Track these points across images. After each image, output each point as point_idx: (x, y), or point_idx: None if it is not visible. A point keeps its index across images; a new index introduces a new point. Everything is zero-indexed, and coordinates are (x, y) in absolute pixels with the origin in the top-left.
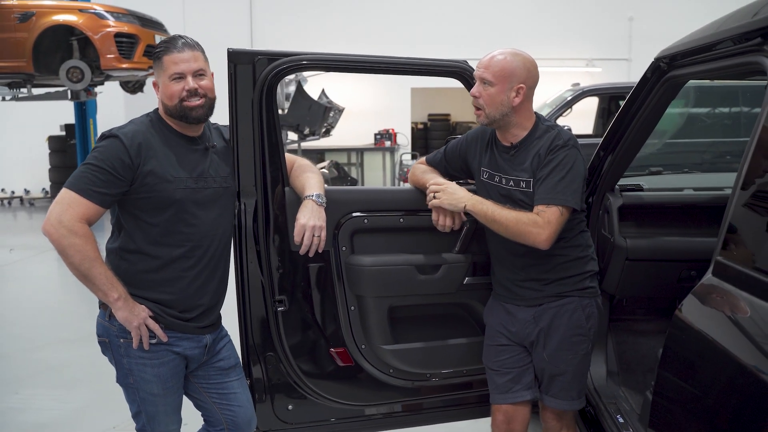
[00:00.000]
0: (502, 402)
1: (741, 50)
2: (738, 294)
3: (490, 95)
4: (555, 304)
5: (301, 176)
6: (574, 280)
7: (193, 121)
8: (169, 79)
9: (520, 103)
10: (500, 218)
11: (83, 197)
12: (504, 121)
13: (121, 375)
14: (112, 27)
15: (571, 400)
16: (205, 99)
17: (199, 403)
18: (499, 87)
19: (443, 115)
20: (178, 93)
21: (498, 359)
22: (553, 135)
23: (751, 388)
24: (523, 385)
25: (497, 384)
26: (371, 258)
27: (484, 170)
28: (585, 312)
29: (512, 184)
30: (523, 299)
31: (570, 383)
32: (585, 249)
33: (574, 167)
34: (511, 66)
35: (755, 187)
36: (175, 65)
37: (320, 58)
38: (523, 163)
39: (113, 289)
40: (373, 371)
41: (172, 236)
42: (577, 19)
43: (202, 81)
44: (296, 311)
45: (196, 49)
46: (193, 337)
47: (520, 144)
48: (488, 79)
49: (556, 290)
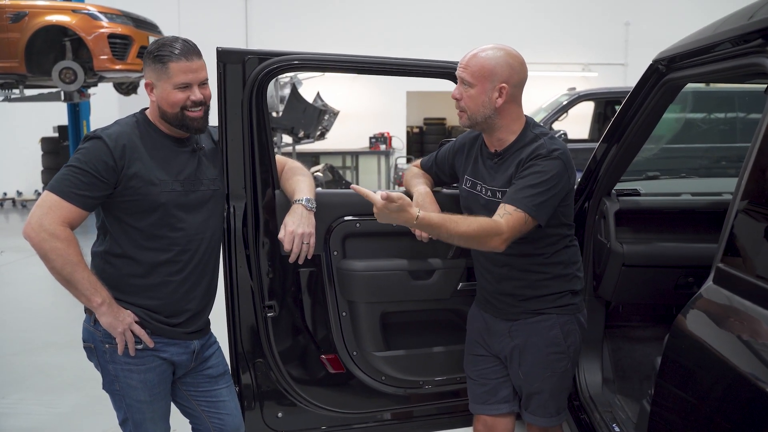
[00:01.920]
0: (480, 412)
1: (741, 52)
2: (740, 302)
3: (470, 96)
4: (531, 320)
5: (291, 179)
6: (552, 298)
7: (194, 132)
8: (173, 87)
9: (503, 103)
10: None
11: (65, 200)
12: (487, 124)
13: (107, 381)
14: (105, 28)
15: (550, 417)
16: (205, 107)
17: (187, 411)
18: (479, 87)
19: (439, 119)
20: (181, 102)
21: (476, 369)
22: (538, 144)
23: (753, 398)
24: (499, 398)
25: (476, 394)
26: (363, 263)
27: (467, 178)
28: (563, 329)
29: (490, 194)
30: (499, 312)
31: (547, 401)
32: (567, 266)
33: (550, 179)
34: (490, 64)
35: (757, 193)
36: (184, 74)
37: (312, 58)
38: (506, 171)
39: (97, 293)
40: (364, 378)
41: (157, 240)
42: (573, 24)
43: (206, 91)
44: (286, 317)
45: (201, 56)
46: (180, 343)
47: (504, 151)
48: (467, 79)
49: (533, 306)
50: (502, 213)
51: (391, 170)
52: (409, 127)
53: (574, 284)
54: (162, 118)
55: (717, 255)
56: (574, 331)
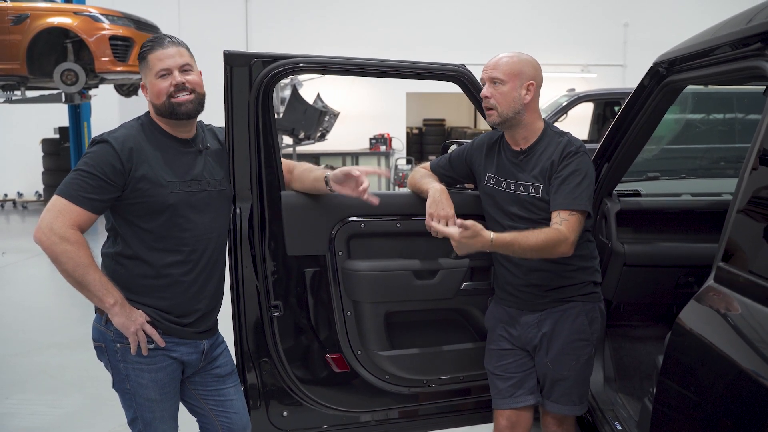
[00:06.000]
0: (505, 407)
1: (740, 55)
2: (741, 300)
3: (502, 93)
4: (558, 309)
5: (311, 175)
6: (578, 287)
7: (183, 117)
8: (155, 77)
9: (530, 100)
10: (527, 244)
11: (74, 204)
12: (516, 120)
13: (118, 380)
14: (107, 30)
15: (573, 405)
16: (194, 94)
17: (195, 410)
18: (511, 84)
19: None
20: (165, 90)
21: (500, 364)
22: (565, 141)
23: (755, 396)
24: (525, 389)
25: (500, 389)
26: (368, 263)
27: (490, 176)
28: (588, 317)
29: (522, 189)
30: (526, 304)
31: (572, 388)
32: (589, 260)
33: (589, 173)
34: (519, 64)
35: (757, 193)
36: (160, 61)
37: (317, 61)
38: (534, 168)
39: (109, 294)
40: (369, 377)
41: (167, 241)
42: (572, 25)
43: (188, 76)
44: (291, 317)
45: (180, 45)
46: (190, 343)
47: (529, 149)
48: (499, 77)
49: (559, 296)
50: (560, 220)
51: (391, 171)
52: (409, 128)
53: (595, 276)
54: (157, 114)
55: (718, 254)
56: (596, 319)
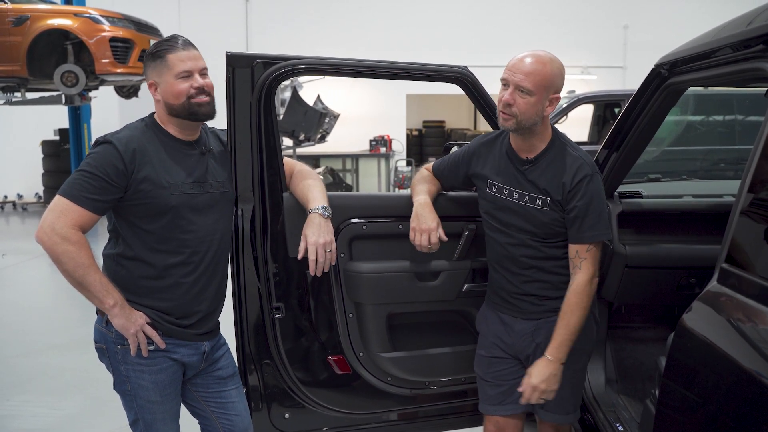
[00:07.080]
0: (493, 413)
1: (742, 57)
2: (745, 302)
3: (527, 104)
4: (553, 319)
5: (301, 183)
6: None
7: (203, 118)
8: (175, 78)
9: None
10: (575, 326)
11: (76, 204)
12: (531, 131)
13: (119, 382)
14: (107, 31)
15: (567, 414)
16: (210, 98)
17: (196, 411)
18: (538, 96)
19: (438, 122)
20: (185, 91)
21: (491, 370)
22: (578, 164)
23: (759, 398)
24: (515, 397)
25: (489, 395)
26: (370, 265)
27: (492, 183)
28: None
29: (527, 200)
30: (521, 312)
31: (566, 398)
32: None
33: (603, 196)
34: (551, 76)
35: (761, 194)
36: (182, 63)
37: (319, 62)
38: (540, 179)
39: (109, 296)
40: (371, 379)
41: (169, 243)
42: (572, 27)
43: (207, 79)
44: (293, 318)
45: (196, 48)
46: (191, 344)
47: (536, 159)
48: (528, 88)
49: (555, 306)
50: (579, 261)
51: (391, 173)
52: (409, 130)
53: None
54: (170, 114)
55: (721, 255)
56: (591, 328)
